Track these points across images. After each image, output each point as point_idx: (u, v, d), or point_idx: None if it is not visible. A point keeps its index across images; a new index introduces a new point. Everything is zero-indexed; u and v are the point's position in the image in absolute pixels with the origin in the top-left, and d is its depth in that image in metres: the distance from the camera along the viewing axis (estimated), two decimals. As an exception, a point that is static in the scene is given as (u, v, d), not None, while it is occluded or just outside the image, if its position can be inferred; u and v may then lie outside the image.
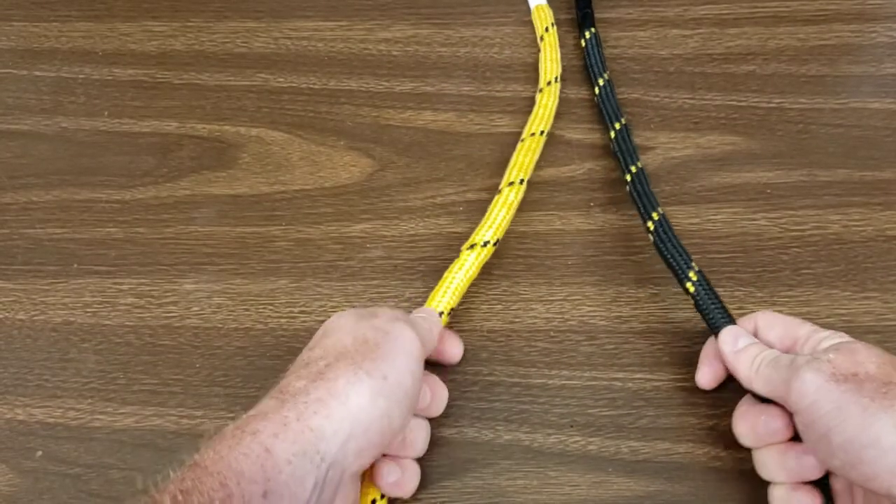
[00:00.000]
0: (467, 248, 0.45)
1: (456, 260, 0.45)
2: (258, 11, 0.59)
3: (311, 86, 0.55)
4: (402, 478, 0.39)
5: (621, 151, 0.48)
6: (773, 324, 0.41)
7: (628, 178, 0.47)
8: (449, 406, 0.44)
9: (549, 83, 0.53)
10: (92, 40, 0.58)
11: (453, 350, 0.44)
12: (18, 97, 0.56)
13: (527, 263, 0.48)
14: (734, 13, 0.57)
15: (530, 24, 0.58)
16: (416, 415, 0.40)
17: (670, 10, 0.58)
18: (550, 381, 0.45)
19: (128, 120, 0.55)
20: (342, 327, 0.37)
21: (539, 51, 0.55)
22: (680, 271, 0.43)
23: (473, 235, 0.46)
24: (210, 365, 0.46)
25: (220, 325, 0.47)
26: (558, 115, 0.53)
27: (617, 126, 0.49)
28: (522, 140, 0.50)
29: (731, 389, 0.44)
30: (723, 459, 0.42)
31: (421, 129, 0.54)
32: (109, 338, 0.47)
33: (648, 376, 0.44)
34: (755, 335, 0.41)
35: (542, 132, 0.50)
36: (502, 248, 0.49)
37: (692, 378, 0.44)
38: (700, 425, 0.43)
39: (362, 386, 0.34)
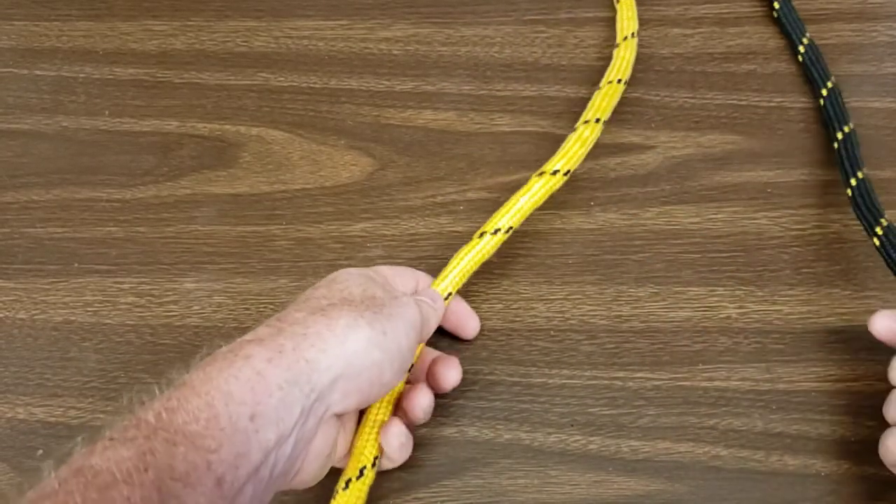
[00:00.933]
0: (537, 176, 0.46)
1: (523, 188, 0.46)
2: (259, 10, 0.59)
3: (312, 85, 0.55)
4: (408, 442, 0.39)
5: (847, 158, 0.48)
6: None
7: (853, 182, 0.46)
8: (449, 405, 0.44)
9: (625, 38, 0.54)
10: (92, 39, 0.58)
11: (470, 323, 0.45)
12: (19, 96, 0.56)
13: (527, 262, 0.48)
14: (735, 12, 0.57)
15: (531, 23, 0.58)
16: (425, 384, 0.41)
17: (671, 9, 0.58)
18: (551, 381, 0.45)
19: (128, 119, 0.55)
20: (353, 279, 0.38)
21: (615, 10, 0.57)
22: None
23: (545, 165, 0.47)
24: (211, 364, 0.46)
25: (220, 325, 0.47)
26: (559, 115, 0.53)
27: (839, 136, 0.49)
28: (600, 88, 0.51)
29: (731, 389, 0.44)
30: (723, 459, 0.42)
31: (421, 128, 0.54)
32: (110, 337, 0.47)
33: (649, 375, 0.44)
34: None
35: (619, 80, 0.51)
36: (502, 247, 0.49)
37: (693, 377, 0.44)
38: (700, 424, 0.43)
39: (361, 332, 0.34)
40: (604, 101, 0.50)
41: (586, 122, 0.49)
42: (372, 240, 0.49)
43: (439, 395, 0.42)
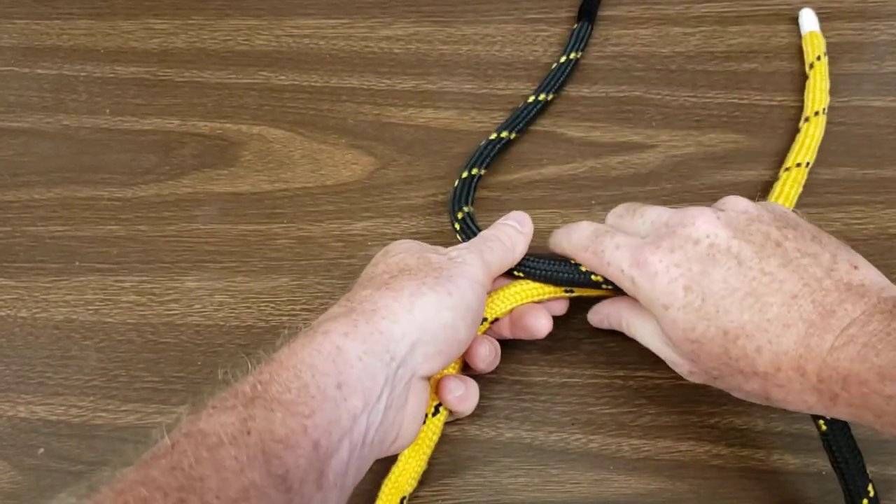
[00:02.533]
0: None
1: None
2: (260, 9, 0.59)
3: (313, 84, 0.55)
4: (466, 392, 0.40)
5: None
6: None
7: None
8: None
9: (816, 113, 0.50)
10: (94, 38, 0.58)
11: (539, 322, 0.42)
12: (20, 95, 0.56)
13: (528, 261, 0.48)
14: (736, 11, 0.57)
15: (532, 21, 0.58)
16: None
17: (672, 7, 0.58)
18: (552, 379, 0.45)
19: (129, 118, 0.55)
20: (406, 249, 0.39)
21: (808, 78, 0.53)
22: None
23: None
24: (212, 362, 0.46)
25: (221, 323, 0.47)
26: (560, 114, 0.53)
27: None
28: (787, 169, 0.48)
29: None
30: (724, 457, 0.42)
31: (422, 126, 0.54)
32: (111, 335, 0.47)
33: (650, 374, 0.44)
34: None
35: (807, 164, 0.48)
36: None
37: (693, 376, 0.44)
38: (701, 423, 0.43)
39: (426, 298, 0.35)
40: (791, 190, 0.47)
41: None
42: (373, 238, 0.49)
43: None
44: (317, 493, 0.30)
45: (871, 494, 0.38)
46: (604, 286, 0.40)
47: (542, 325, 0.41)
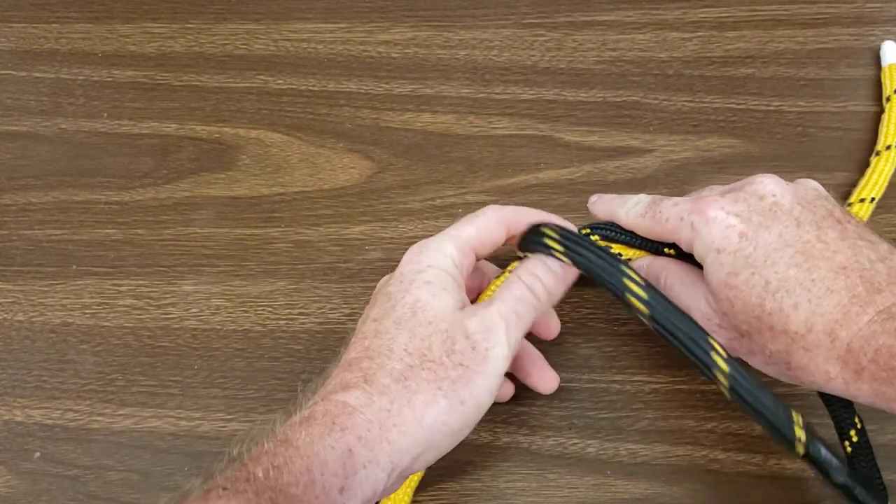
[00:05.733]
0: None
1: None
2: (258, 13, 0.59)
3: (311, 88, 0.55)
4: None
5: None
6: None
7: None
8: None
9: (888, 147, 0.48)
10: (91, 42, 0.58)
11: (550, 325, 0.42)
12: (18, 98, 0.56)
13: (526, 266, 0.48)
14: (733, 16, 0.57)
15: (529, 26, 0.58)
16: None
17: (669, 13, 0.58)
18: (549, 384, 0.45)
19: (127, 121, 0.55)
20: (435, 318, 0.35)
21: (884, 111, 0.51)
22: None
23: None
24: (209, 367, 0.46)
25: (218, 327, 0.47)
26: (557, 118, 0.53)
27: None
28: (850, 204, 0.47)
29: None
30: (721, 462, 0.42)
31: (420, 131, 0.54)
32: (108, 339, 0.47)
33: (647, 378, 0.44)
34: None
35: (872, 199, 0.46)
36: (501, 249, 0.49)
37: (691, 380, 0.44)
38: (698, 427, 0.43)
39: (438, 407, 0.34)
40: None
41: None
42: (370, 242, 0.49)
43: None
44: None
45: (859, 426, 0.37)
46: (666, 249, 0.40)
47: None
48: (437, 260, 0.37)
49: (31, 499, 0.43)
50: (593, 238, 0.42)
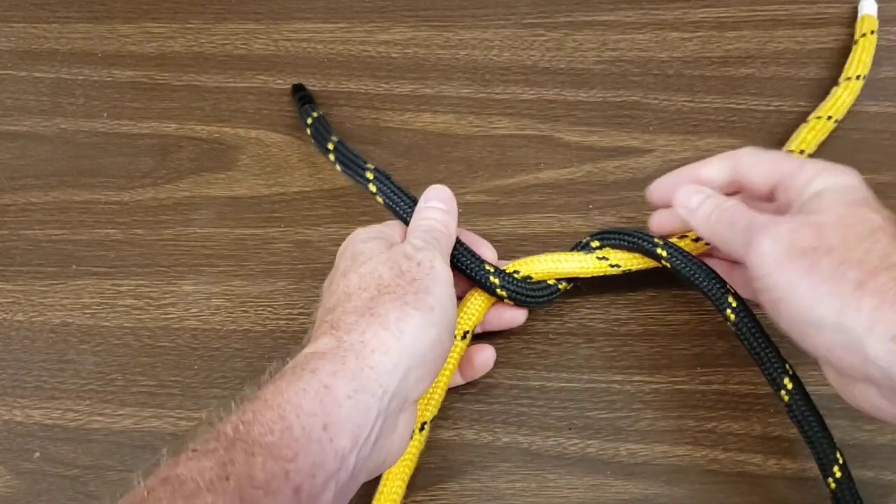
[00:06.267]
0: None
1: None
2: (257, 13, 0.59)
3: (311, 87, 0.55)
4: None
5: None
6: (757, 163, 0.40)
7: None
8: (447, 408, 0.44)
9: (848, 78, 0.52)
10: (91, 42, 0.58)
11: (486, 252, 0.44)
12: (18, 98, 0.56)
13: (525, 266, 0.48)
14: (733, 16, 0.57)
15: (529, 26, 0.58)
16: None
17: (669, 13, 0.58)
18: (549, 384, 0.45)
19: (127, 121, 0.55)
20: (373, 253, 0.38)
21: (855, 46, 0.54)
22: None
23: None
24: (208, 367, 0.46)
25: (218, 327, 0.47)
26: (557, 118, 0.53)
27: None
28: (807, 122, 0.49)
29: (730, 393, 0.44)
30: (721, 462, 0.42)
31: (420, 131, 0.54)
32: (108, 339, 0.47)
33: (647, 379, 0.44)
34: (737, 174, 0.41)
35: (829, 118, 0.50)
36: (501, 251, 0.49)
37: (691, 380, 0.44)
38: (698, 428, 0.43)
39: (413, 320, 0.35)
40: (812, 137, 0.48)
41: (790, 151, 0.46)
42: (370, 242, 0.49)
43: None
44: None
45: (841, 462, 0.38)
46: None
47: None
48: (361, 232, 0.41)
49: (31, 499, 0.43)
50: (594, 244, 0.44)
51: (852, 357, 0.33)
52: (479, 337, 0.45)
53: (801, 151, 0.48)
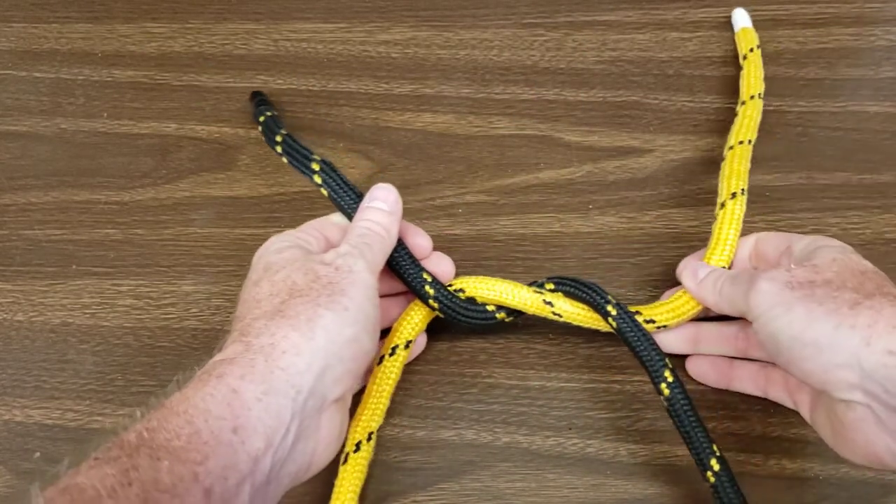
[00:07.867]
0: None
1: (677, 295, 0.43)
2: (257, 13, 0.59)
3: (311, 88, 0.55)
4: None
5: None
6: (770, 237, 0.43)
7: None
8: (447, 408, 0.44)
9: (752, 97, 0.51)
10: (91, 42, 0.58)
11: (420, 241, 0.44)
12: (17, 98, 0.56)
13: (525, 266, 0.48)
14: (733, 16, 0.57)
15: (529, 26, 0.58)
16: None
17: (669, 13, 0.58)
18: (549, 384, 0.45)
19: (127, 121, 0.55)
20: (289, 261, 0.38)
21: (741, 68, 0.53)
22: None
23: (707, 258, 0.43)
24: (208, 366, 0.46)
25: (218, 327, 0.47)
26: (557, 118, 0.53)
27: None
28: (731, 148, 0.48)
29: (730, 393, 0.44)
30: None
31: (420, 131, 0.54)
32: (108, 339, 0.47)
33: (647, 378, 0.44)
34: (751, 255, 0.43)
35: (749, 141, 0.48)
36: (500, 251, 0.49)
37: (691, 380, 0.44)
38: (698, 428, 0.43)
39: (325, 320, 0.35)
40: (741, 166, 0.46)
41: (733, 195, 0.45)
42: (370, 242, 0.49)
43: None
44: None
45: (718, 454, 0.39)
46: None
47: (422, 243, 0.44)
48: (276, 241, 0.40)
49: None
50: (548, 286, 0.43)
51: (850, 375, 0.33)
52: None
53: (743, 191, 0.45)
